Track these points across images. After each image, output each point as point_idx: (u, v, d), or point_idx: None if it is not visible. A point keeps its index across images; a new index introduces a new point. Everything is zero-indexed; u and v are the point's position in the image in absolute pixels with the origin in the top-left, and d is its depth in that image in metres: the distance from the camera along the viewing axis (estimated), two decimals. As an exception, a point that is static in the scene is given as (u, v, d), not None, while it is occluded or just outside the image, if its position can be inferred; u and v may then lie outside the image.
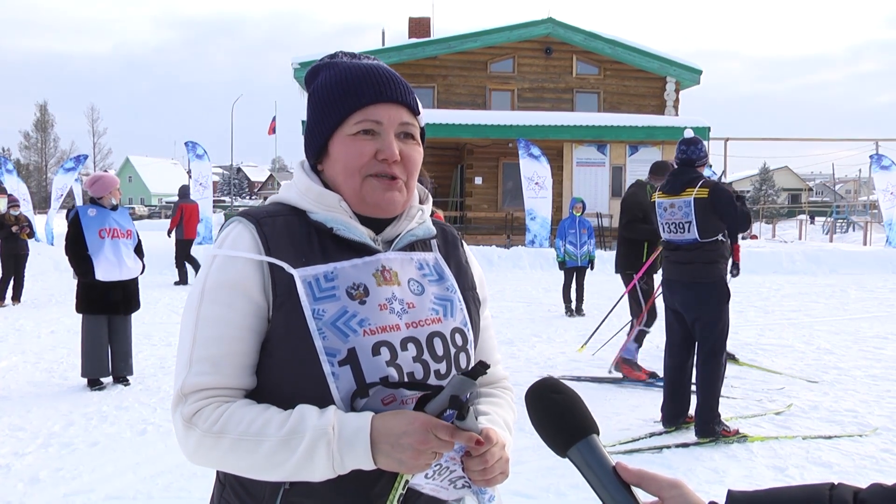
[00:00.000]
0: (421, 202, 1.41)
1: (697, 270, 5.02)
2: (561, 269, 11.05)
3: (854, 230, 33.39)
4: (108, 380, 6.47)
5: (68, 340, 8.45)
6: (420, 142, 1.35)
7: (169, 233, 15.15)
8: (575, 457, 0.95)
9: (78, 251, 6.32)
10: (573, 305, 10.87)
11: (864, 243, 24.59)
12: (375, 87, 1.29)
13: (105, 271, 6.32)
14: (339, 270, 1.25)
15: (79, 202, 26.08)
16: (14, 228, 11.85)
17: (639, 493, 0.92)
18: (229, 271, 1.23)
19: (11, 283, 11.87)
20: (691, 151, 5.10)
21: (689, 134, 5.51)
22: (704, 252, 5.01)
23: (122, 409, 5.67)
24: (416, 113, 1.33)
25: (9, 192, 19.00)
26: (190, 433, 1.19)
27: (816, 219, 36.76)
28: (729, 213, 4.96)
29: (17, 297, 11.83)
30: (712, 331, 4.96)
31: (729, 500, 0.88)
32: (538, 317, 10.64)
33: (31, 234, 12.33)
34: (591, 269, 11.08)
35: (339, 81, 1.30)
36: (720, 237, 5.02)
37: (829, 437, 4.99)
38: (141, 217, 39.32)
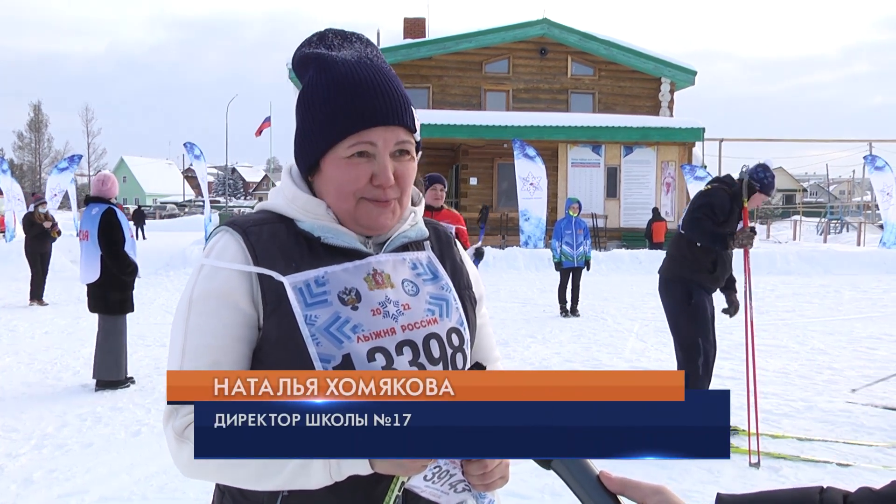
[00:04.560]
0: (413, 204, 1.38)
1: (664, 263, 5.23)
2: (557, 269, 11.07)
3: (848, 231, 33.48)
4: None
5: (62, 341, 8.43)
6: (414, 155, 1.31)
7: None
8: (559, 468, 0.95)
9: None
10: (568, 306, 10.89)
11: (858, 244, 24.68)
12: (372, 108, 1.22)
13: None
14: (329, 275, 1.23)
15: (74, 202, 26.00)
16: (47, 224, 11.78)
17: (625, 502, 0.92)
18: (216, 281, 1.22)
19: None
20: (745, 172, 5.12)
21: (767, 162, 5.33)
22: (674, 245, 5.16)
23: (116, 410, 5.66)
24: (413, 130, 1.30)
25: (34, 192, 19.06)
26: (182, 447, 1.17)
27: (807, 219, 36.88)
28: (688, 207, 5.10)
29: (39, 298, 11.65)
30: (671, 328, 5.11)
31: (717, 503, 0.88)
32: (533, 317, 10.65)
33: (59, 233, 12.24)
34: (588, 269, 11.10)
35: (334, 95, 1.24)
36: (699, 242, 4.95)
37: (826, 441, 5.00)
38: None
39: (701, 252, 4.96)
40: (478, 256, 6.59)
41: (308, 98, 1.28)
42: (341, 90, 1.24)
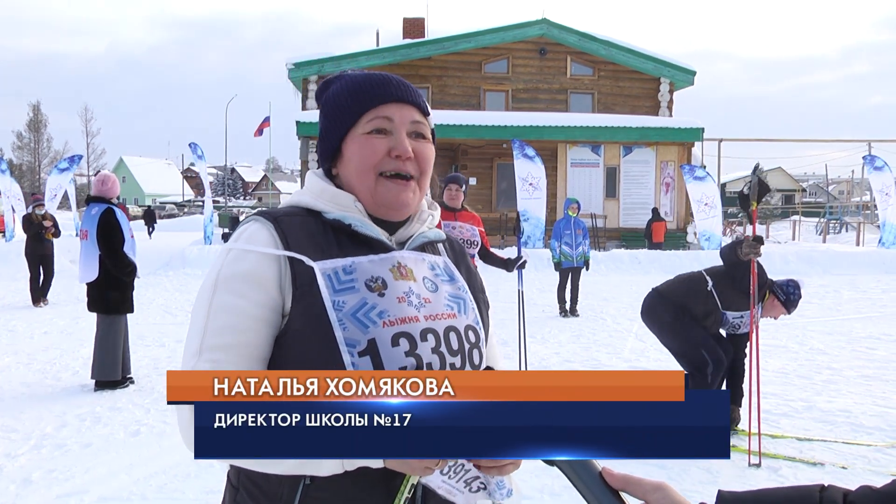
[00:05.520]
0: (429, 208, 1.46)
1: (665, 285, 5.29)
2: (556, 269, 11.08)
3: (847, 231, 33.50)
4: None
5: (61, 341, 8.43)
6: (431, 141, 1.39)
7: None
8: (562, 465, 0.96)
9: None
10: (567, 306, 10.89)
11: (857, 244, 24.69)
12: (386, 88, 1.34)
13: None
14: (357, 264, 1.27)
15: (73, 202, 26.00)
16: (48, 223, 11.73)
17: (626, 498, 0.93)
18: (244, 263, 1.25)
19: (30, 281, 11.71)
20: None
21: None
22: (690, 277, 5.25)
23: (115, 411, 5.65)
24: (426, 114, 1.38)
25: (33, 193, 19.07)
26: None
27: (806, 220, 36.89)
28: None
29: (44, 297, 11.64)
30: (672, 353, 5.20)
31: (719, 501, 0.89)
32: (532, 317, 10.64)
33: (57, 234, 12.09)
34: (587, 269, 11.11)
35: (351, 87, 1.35)
36: (710, 287, 5.02)
37: (825, 441, 5.00)
38: (136, 217, 39.49)
39: (708, 301, 5.00)
40: (521, 267, 6.61)
41: (329, 100, 1.38)
42: (359, 82, 1.36)
